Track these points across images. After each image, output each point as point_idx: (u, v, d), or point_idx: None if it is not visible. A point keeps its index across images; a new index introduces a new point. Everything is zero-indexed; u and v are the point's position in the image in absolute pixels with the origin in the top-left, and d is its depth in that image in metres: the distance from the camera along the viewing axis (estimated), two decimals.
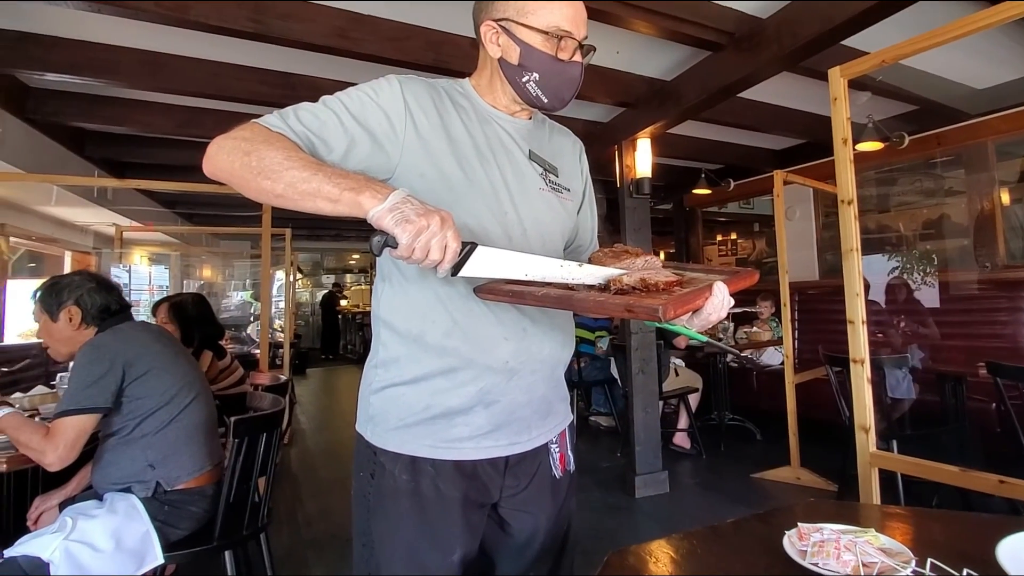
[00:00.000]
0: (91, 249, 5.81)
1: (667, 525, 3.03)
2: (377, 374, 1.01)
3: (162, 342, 1.91)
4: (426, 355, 0.96)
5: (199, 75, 3.04)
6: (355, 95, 0.94)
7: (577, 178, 1.17)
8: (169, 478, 1.76)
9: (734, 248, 6.89)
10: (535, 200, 1.04)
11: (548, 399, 1.06)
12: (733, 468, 3.87)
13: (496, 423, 0.98)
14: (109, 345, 1.73)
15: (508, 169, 1.01)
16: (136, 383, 1.73)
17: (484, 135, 1.01)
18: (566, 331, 1.08)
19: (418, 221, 0.74)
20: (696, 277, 0.96)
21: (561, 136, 1.17)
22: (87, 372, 1.65)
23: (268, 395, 2.20)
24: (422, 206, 0.76)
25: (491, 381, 0.97)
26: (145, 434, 1.75)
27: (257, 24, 2.41)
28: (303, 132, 0.89)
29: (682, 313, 0.76)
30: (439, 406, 0.96)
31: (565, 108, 1.04)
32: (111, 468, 1.75)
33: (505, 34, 0.98)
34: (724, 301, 0.82)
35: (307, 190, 0.78)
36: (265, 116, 0.90)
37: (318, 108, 0.92)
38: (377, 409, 1.00)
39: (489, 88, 1.05)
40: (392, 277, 1.01)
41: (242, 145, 0.83)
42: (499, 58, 1.00)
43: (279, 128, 0.88)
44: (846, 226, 1.99)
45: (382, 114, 0.93)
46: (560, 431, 1.11)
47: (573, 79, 1.00)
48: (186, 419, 1.83)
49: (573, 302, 0.83)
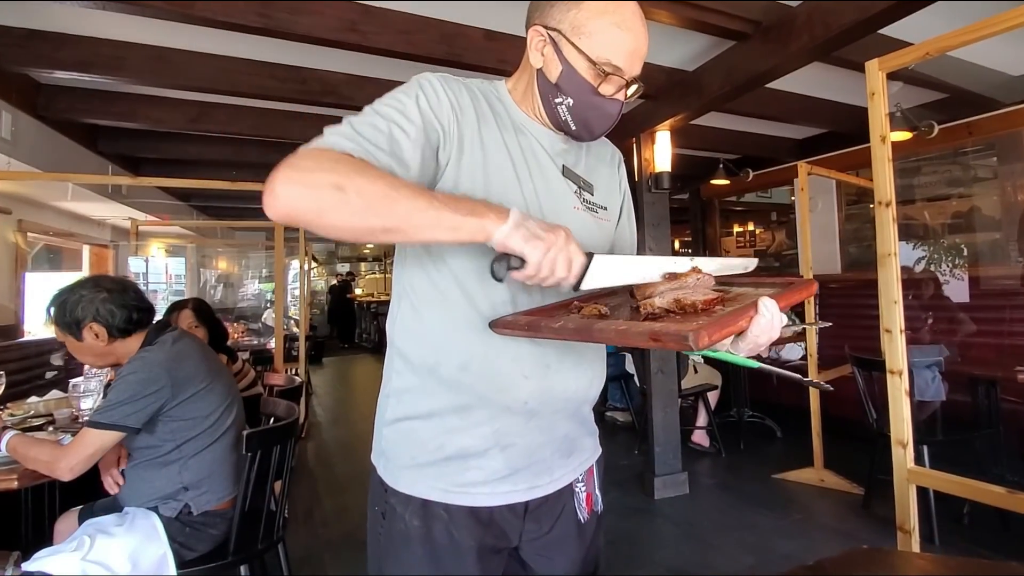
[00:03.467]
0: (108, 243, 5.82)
1: (687, 529, 2.97)
2: (390, 404, 0.95)
3: (208, 359, 1.87)
4: (440, 388, 0.89)
5: (208, 70, 2.99)
6: (407, 102, 0.83)
7: (615, 192, 1.08)
8: (200, 502, 1.73)
9: (752, 239, 6.74)
10: (568, 220, 0.94)
11: (572, 437, 0.99)
12: (754, 468, 3.79)
13: (514, 467, 0.91)
14: (163, 364, 1.67)
15: (541, 186, 0.93)
16: (182, 405, 1.69)
17: (519, 147, 0.93)
18: (595, 366, 0.99)
19: (547, 237, 0.72)
20: (744, 293, 0.86)
21: (599, 146, 1.08)
22: (133, 390, 1.61)
23: (282, 402, 2.17)
24: (543, 222, 0.75)
25: (508, 422, 0.90)
26: (184, 456, 1.72)
27: (264, 18, 2.35)
28: (378, 153, 0.78)
29: (720, 339, 0.66)
30: (452, 446, 0.89)
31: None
32: (143, 485, 1.72)
33: (552, 46, 0.88)
34: (774, 320, 0.71)
35: (424, 222, 0.72)
36: (324, 139, 0.77)
37: (378, 122, 0.80)
38: (389, 443, 0.94)
39: (526, 96, 0.96)
40: (407, 297, 0.93)
41: (328, 178, 0.71)
42: (539, 68, 0.91)
43: (357, 152, 0.76)
44: (883, 229, 1.88)
45: (437, 122, 0.85)
46: (587, 468, 1.03)
47: (609, 116, 0.91)
48: (225, 441, 1.81)
49: (592, 333, 0.74)
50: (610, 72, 0.85)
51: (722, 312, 0.72)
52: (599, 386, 1.01)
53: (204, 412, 1.75)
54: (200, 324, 2.49)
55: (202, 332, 2.50)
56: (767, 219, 6.99)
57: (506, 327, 0.83)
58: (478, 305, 0.88)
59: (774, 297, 0.73)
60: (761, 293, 0.80)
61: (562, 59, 0.87)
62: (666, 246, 3.63)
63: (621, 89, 0.89)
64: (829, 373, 3.62)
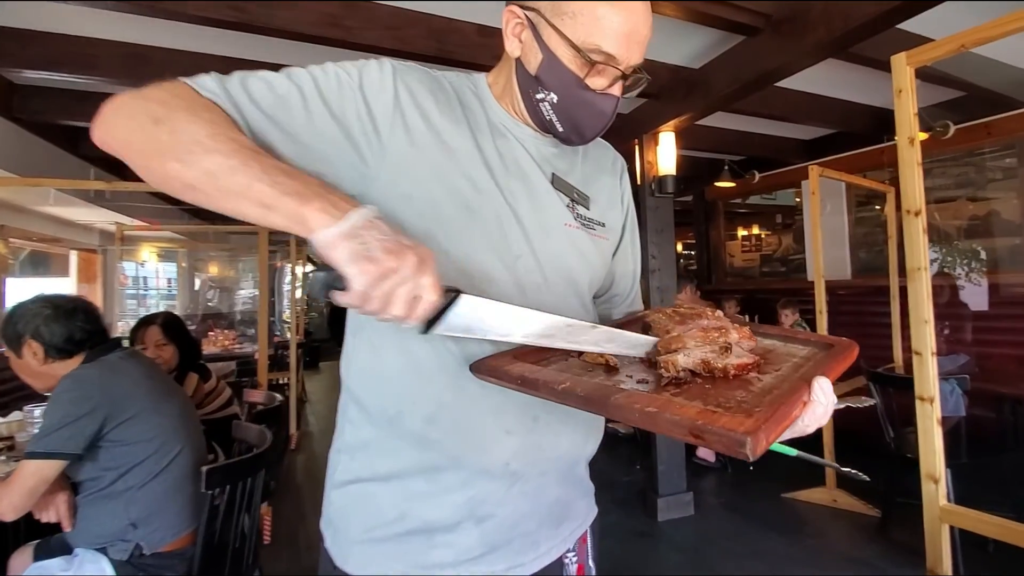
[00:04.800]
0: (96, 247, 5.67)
1: (693, 556, 2.79)
2: (341, 462, 0.78)
3: (154, 378, 1.71)
4: (402, 444, 0.73)
5: (183, 68, 2.72)
6: (332, 72, 0.70)
7: (616, 207, 0.90)
8: (152, 540, 1.56)
9: (758, 243, 6.55)
10: (559, 239, 0.78)
11: (564, 501, 0.82)
12: (762, 486, 3.61)
13: (491, 543, 0.74)
14: (94, 381, 1.52)
15: (524, 198, 0.76)
16: (121, 427, 1.53)
17: (497, 151, 0.76)
18: (592, 419, 0.82)
19: (384, 261, 0.52)
20: (773, 348, 0.72)
21: (598, 151, 0.91)
22: (64, 411, 1.46)
23: (254, 427, 1.99)
24: (393, 237, 0.54)
25: (485, 489, 0.73)
26: (129, 487, 1.55)
27: (238, 13, 2.19)
28: (249, 108, 0.65)
29: (775, 440, 0.50)
30: (416, 517, 0.73)
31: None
32: (90, 524, 1.55)
33: (530, 30, 0.72)
34: (829, 408, 0.56)
35: (230, 186, 0.56)
36: (198, 76, 0.67)
37: (276, 79, 0.68)
38: (338, 510, 0.77)
39: (506, 91, 0.79)
40: (364, 331, 0.77)
41: (152, 108, 0.59)
42: (517, 57, 0.75)
43: (212, 94, 0.65)
44: (913, 241, 1.71)
45: (363, 104, 0.69)
46: (579, 535, 0.86)
47: (601, 115, 0.74)
48: (176, 470, 1.63)
49: (609, 407, 0.56)
50: (599, 61, 0.69)
51: (770, 400, 0.54)
52: (597, 440, 0.85)
53: (148, 435, 1.58)
54: (168, 341, 2.31)
55: (170, 350, 2.32)
56: (772, 222, 6.80)
57: (491, 374, 0.66)
58: (449, 343, 0.71)
59: (826, 372, 0.58)
60: (792, 352, 0.66)
61: (542, 46, 0.71)
62: (670, 253, 3.46)
63: (616, 82, 0.72)
64: (842, 386, 3.43)
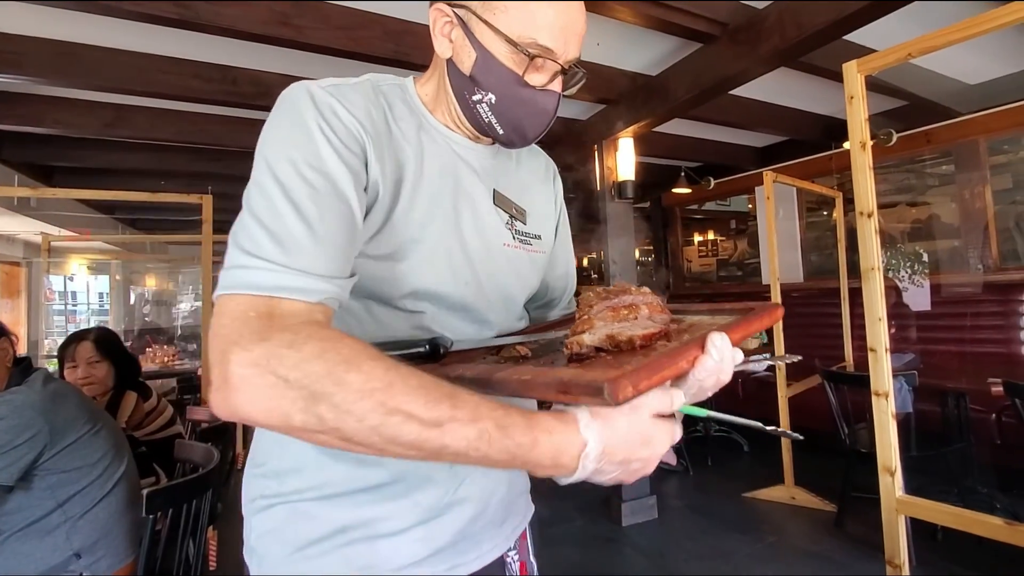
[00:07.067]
0: (20, 260, 5.28)
1: (657, 560, 2.79)
2: (267, 486, 0.70)
3: (86, 400, 1.61)
4: (341, 466, 0.67)
5: (123, 69, 2.65)
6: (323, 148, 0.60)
7: (550, 216, 0.88)
8: (97, 569, 1.46)
9: (715, 248, 6.70)
10: (498, 260, 0.75)
11: (507, 500, 0.80)
12: (723, 487, 3.65)
13: (436, 546, 0.70)
14: (36, 407, 1.40)
15: (469, 222, 0.72)
16: (62, 454, 1.42)
17: (438, 169, 0.71)
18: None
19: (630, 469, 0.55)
20: (698, 323, 0.69)
21: (532, 159, 0.88)
22: (1, 439, 1.34)
23: (199, 446, 1.87)
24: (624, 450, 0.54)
25: (432, 495, 0.70)
26: (70, 516, 1.44)
27: (182, 10, 2.07)
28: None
29: (648, 387, 0.50)
30: (359, 528, 0.67)
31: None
32: (20, 561, 1.41)
33: (460, 27, 0.67)
34: (724, 361, 0.54)
35: (438, 451, 0.49)
36: (247, 270, 0.54)
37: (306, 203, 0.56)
38: (262, 535, 0.69)
39: (439, 98, 0.74)
40: None
41: (294, 381, 0.47)
42: (448, 58, 0.70)
43: (295, 291, 0.53)
44: (866, 241, 1.75)
45: (360, 165, 0.63)
46: (519, 533, 0.84)
47: (543, 113, 0.70)
48: (120, 493, 1.54)
49: (492, 383, 0.56)
50: (537, 54, 0.65)
51: (661, 351, 0.56)
52: None
53: (91, 460, 1.48)
54: (102, 358, 2.13)
55: (104, 367, 2.14)
56: (727, 227, 6.98)
57: None
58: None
59: (726, 329, 0.56)
60: (716, 320, 0.64)
61: (475, 44, 0.66)
62: (630, 257, 3.48)
63: (555, 77, 0.68)
64: (797, 386, 3.53)
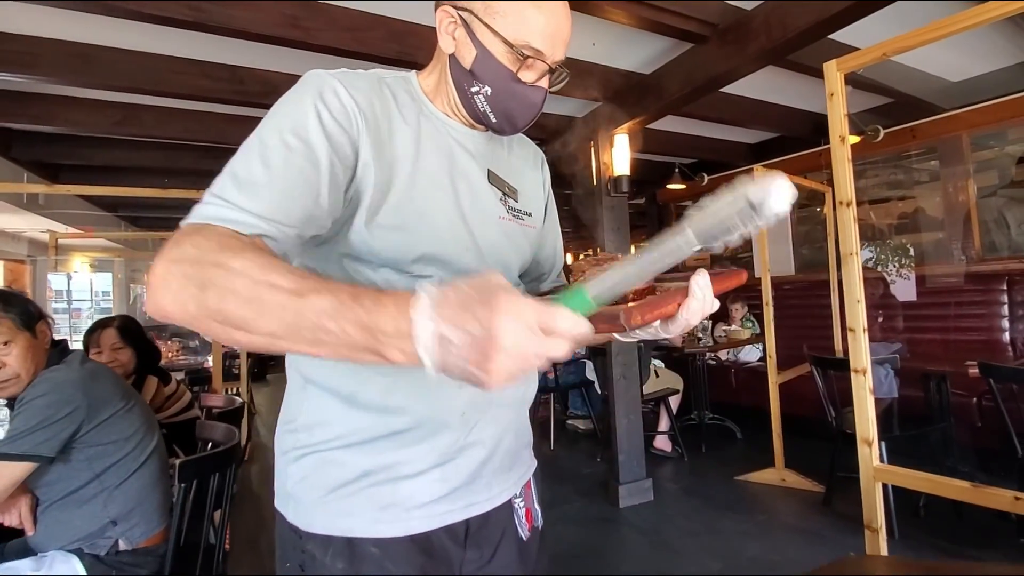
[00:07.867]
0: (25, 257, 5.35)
1: (654, 537, 2.91)
2: (298, 439, 0.81)
3: (119, 379, 1.71)
4: (363, 415, 0.78)
5: (133, 69, 2.74)
6: (312, 120, 0.69)
7: (539, 198, 1.00)
8: (132, 536, 1.55)
9: None
10: (494, 232, 0.86)
11: (512, 450, 0.91)
12: (717, 471, 3.78)
13: (452, 486, 0.82)
14: (76, 384, 1.49)
15: (467, 196, 0.83)
16: (99, 428, 1.51)
17: (437, 151, 0.81)
18: None
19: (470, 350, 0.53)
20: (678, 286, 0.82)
21: (521, 147, 1.00)
22: (43, 413, 1.43)
23: (220, 425, 1.97)
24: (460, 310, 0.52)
25: (446, 439, 0.81)
26: (106, 487, 1.53)
27: (196, 12, 2.16)
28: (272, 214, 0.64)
29: (652, 319, 0.66)
30: (382, 472, 0.78)
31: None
32: (59, 528, 1.51)
33: (463, 27, 0.78)
34: (706, 302, 0.67)
35: (299, 341, 0.54)
36: (205, 205, 0.63)
37: (277, 160, 0.66)
38: (298, 481, 0.80)
39: (440, 88, 0.85)
40: None
41: (192, 274, 0.55)
42: (451, 54, 0.81)
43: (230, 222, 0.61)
44: (845, 229, 1.87)
45: (348, 140, 0.71)
46: (524, 482, 0.95)
47: (532, 106, 0.82)
48: (152, 465, 1.64)
49: None
50: (529, 55, 0.76)
51: (653, 297, 0.71)
52: (535, 385, 0.97)
53: (125, 433, 1.57)
54: (125, 345, 2.24)
55: (127, 353, 2.25)
56: None
57: None
58: None
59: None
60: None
61: (476, 42, 0.77)
62: (626, 251, 3.59)
63: (544, 76, 0.81)
64: (788, 373, 3.65)
